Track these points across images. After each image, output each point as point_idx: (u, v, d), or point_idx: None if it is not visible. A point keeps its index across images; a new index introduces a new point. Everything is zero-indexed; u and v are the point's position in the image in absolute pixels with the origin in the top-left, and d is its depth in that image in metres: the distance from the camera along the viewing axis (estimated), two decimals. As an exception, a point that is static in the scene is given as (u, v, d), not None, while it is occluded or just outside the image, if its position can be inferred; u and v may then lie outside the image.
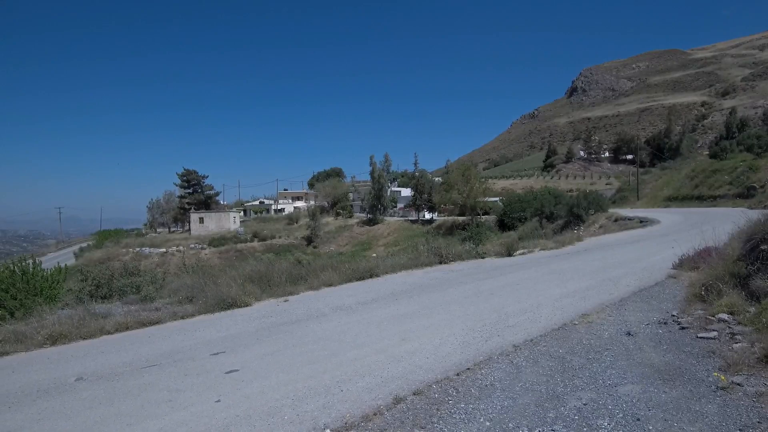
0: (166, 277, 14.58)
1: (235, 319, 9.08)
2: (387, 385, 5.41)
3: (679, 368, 5.32)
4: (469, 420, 4.46)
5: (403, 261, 14.45)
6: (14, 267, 13.63)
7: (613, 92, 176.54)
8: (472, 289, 10.76)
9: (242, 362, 6.46)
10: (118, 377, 6.18)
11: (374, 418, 4.61)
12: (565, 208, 38.80)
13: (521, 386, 5.15)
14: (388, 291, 11.04)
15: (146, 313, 9.34)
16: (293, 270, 12.68)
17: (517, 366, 5.78)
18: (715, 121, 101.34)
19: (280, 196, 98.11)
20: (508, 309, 8.57)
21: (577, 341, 6.57)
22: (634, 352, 5.99)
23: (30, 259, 14.45)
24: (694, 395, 4.62)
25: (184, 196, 73.05)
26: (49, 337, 7.94)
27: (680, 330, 6.75)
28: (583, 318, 7.71)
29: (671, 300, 8.56)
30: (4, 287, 12.90)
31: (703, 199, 43.39)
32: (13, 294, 12.49)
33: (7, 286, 12.96)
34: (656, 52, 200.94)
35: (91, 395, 5.60)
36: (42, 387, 6.00)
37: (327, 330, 7.93)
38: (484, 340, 6.85)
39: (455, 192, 51.78)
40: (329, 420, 4.61)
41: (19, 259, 14.28)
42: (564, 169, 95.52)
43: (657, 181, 58.13)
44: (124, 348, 7.57)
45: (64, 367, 6.77)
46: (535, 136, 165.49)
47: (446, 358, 6.18)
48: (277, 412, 4.83)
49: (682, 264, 11.29)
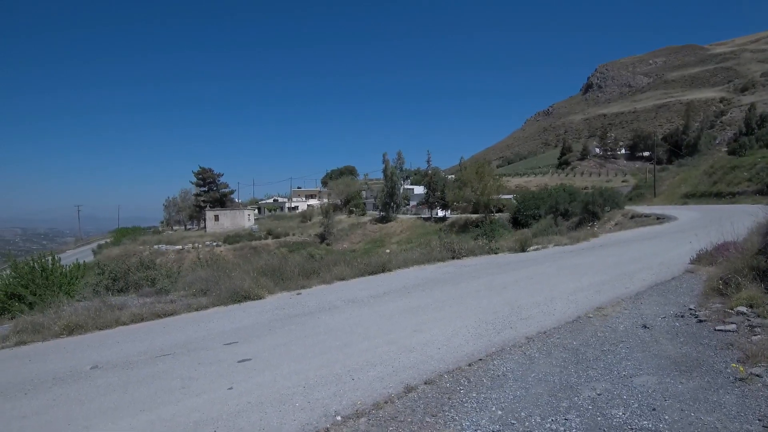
0: (180, 270, 14.75)
1: (248, 311, 9.14)
2: (398, 374, 5.39)
3: (696, 360, 5.22)
4: (481, 409, 4.42)
5: (416, 256, 14.41)
6: (34, 263, 13.90)
7: (630, 88, 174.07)
8: (485, 283, 10.69)
9: (255, 352, 6.50)
10: (133, 366, 6.26)
11: (385, 406, 4.60)
12: (580, 206, 38.34)
13: (534, 377, 5.10)
14: (400, 285, 11.02)
15: (161, 305, 9.45)
16: (306, 264, 12.73)
17: (529, 357, 5.72)
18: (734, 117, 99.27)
19: (294, 194, 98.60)
20: (521, 302, 8.49)
21: (591, 333, 6.48)
22: (650, 344, 5.89)
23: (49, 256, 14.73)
24: (712, 386, 4.53)
25: (200, 194, 73.75)
26: (65, 328, 8.07)
27: (698, 323, 6.62)
28: (598, 311, 7.61)
29: (688, 294, 8.40)
30: (24, 283, 13.18)
31: (721, 196, 42.54)
32: (32, 290, 12.74)
33: (26, 282, 13.23)
34: (674, 48, 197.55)
35: (106, 383, 5.68)
36: (58, 375, 6.10)
37: (339, 322, 7.94)
38: (497, 332, 6.80)
39: (469, 189, 51.50)
40: (340, 407, 4.61)
41: (39, 256, 14.56)
42: (579, 166, 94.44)
43: (674, 177, 57.18)
44: (139, 338, 7.66)
45: (80, 356, 6.87)
46: (549, 134, 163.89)
47: (458, 349, 6.15)
48: (289, 399, 4.85)
49: (699, 259, 11.09)
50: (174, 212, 79.55)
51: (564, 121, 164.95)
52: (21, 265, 14.13)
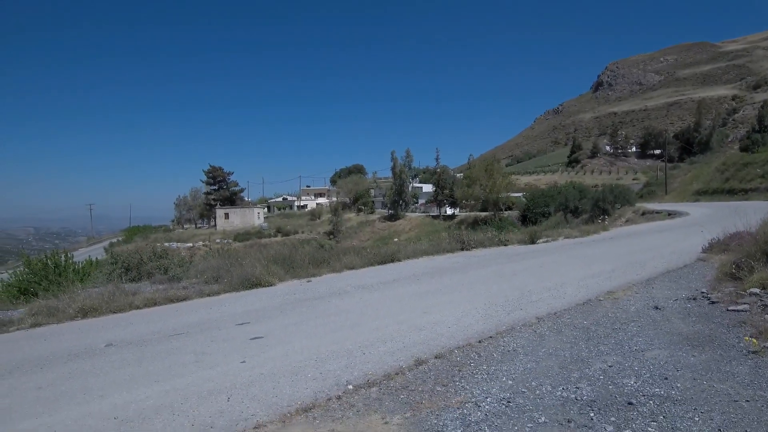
0: (192, 261, 14.91)
1: (259, 296, 9.23)
2: (408, 349, 5.43)
3: (709, 336, 5.20)
4: (491, 379, 4.44)
5: (425, 247, 14.43)
6: (47, 260, 14.11)
7: (641, 86, 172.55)
8: (495, 271, 10.70)
9: (266, 330, 6.57)
10: (147, 343, 6.35)
11: (396, 377, 4.63)
12: (590, 203, 38.14)
13: (544, 351, 5.11)
14: (409, 273, 11.05)
15: (174, 290, 9.56)
16: (316, 254, 12.81)
17: (540, 335, 5.73)
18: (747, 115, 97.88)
19: (303, 192, 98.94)
20: (530, 287, 8.49)
21: (602, 314, 6.48)
22: (661, 323, 5.87)
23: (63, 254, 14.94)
24: (725, 358, 4.52)
25: (210, 192, 74.26)
26: (79, 311, 8.20)
27: (710, 304, 6.58)
28: (609, 295, 7.59)
29: (700, 279, 8.35)
30: (38, 279, 13.38)
31: (734, 193, 42.10)
32: (45, 286, 12.91)
33: (40, 278, 13.43)
34: (685, 45, 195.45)
35: (121, 358, 5.77)
36: (73, 352, 6.20)
37: (349, 304, 7.99)
38: (506, 313, 6.81)
39: (478, 187, 51.36)
40: (352, 377, 4.66)
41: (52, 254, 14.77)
42: (589, 164, 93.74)
43: (686, 175, 56.68)
44: (152, 320, 7.77)
45: (95, 336, 6.98)
46: (559, 132, 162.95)
47: (468, 328, 6.17)
48: (301, 371, 4.90)
49: (711, 247, 11.01)
50: (185, 211, 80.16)
51: (574, 120, 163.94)
52: (34, 262, 14.35)
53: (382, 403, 4.10)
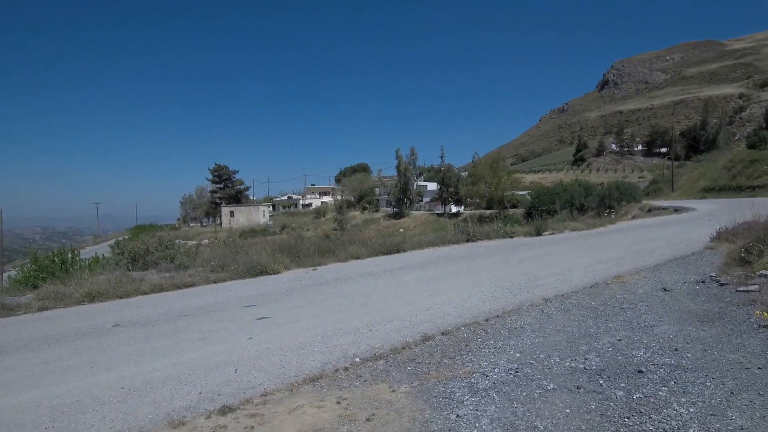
0: (198, 252, 14.92)
1: (265, 283, 9.24)
2: (415, 327, 5.41)
3: (719, 313, 5.14)
4: (499, 353, 4.41)
5: (430, 238, 14.40)
6: (54, 257, 14.16)
7: (647, 85, 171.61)
8: (501, 259, 10.65)
9: (273, 311, 6.57)
10: (154, 323, 6.36)
11: (403, 351, 4.61)
12: (596, 200, 37.84)
13: (552, 328, 5.08)
14: (415, 261, 11.03)
15: (180, 277, 9.58)
16: (321, 243, 12.80)
17: (547, 314, 5.69)
18: (754, 113, 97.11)
19: (308, 191, 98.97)
20: (537, 273, 8.44)
21: (609, 296, 6.42)
22: (670, 303, 5.82)
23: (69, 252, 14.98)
24: (735, 332, 4.46)
25: (216, 191, 74.43)
26: (87, 295, 8.23)
27: (719, 286, 6.51)
28: (616, 279, 7.54)
29: (709, 265, 8.26)
30: (44, 276, 13.42)
31: (741, 190, 41.74)
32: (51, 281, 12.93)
33: (46, 275, 13.47)
34: (691, 44, 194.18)
35: (128, 336, 5.78)
36: (80, 331, 6.21)
37: (355, 288, 7.98)
38: (513, 295, 6.78)
39: (482, 184, 51.17)
40: (358, 351, 4.64)
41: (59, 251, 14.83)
42: (595, 162, 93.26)
43: (692, 172, 56.25)
44: (159, 304, 7.79)
45: (102, 318, 7.00)
46: (564, 131, 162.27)
47: (474, 308, 6.14)
48: (308, 345, 4.89)
49: (720, 237, 10.91)
50: (190, 209, 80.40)
51: (579, 119, 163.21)
52: (41, 258, 14.40)
53: (389, 374, 4.08)
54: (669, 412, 3.00)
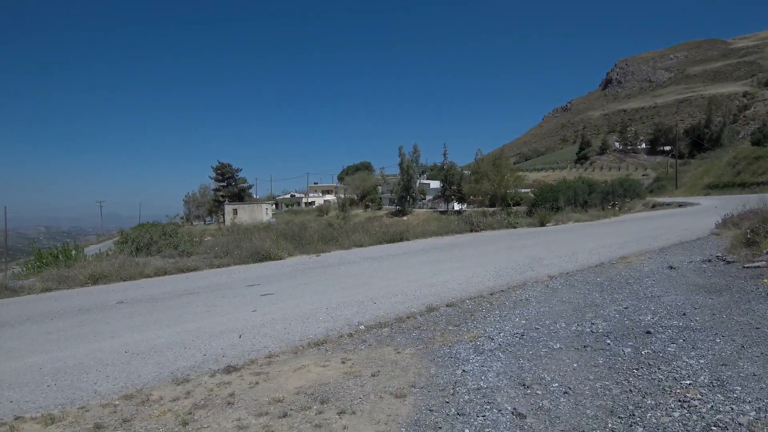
0: (202, 238, 14.95)
1: (269, 267, 9.22)
2: (419, 300, 5.39)
3: (726, 285, 5.10)
4: (504, 320, 4.38)
5: (434, 228, 14.38)
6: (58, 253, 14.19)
7: (650, 83, 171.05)
8: (505, 245, 10.61)
9: (277, 289, 6.55)
10: (158, 300, 6.35)
11: (407, 320, 4.59)
12: (600, 196, 37.72)
13: (558, 300, 5.04)
14: (418, 248, 11.01)
15: (184, 262, 9.57)
16: (325, 231, 12.78)
17: (552, 289, 5.66)
18: (758, 111, 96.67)
19: (311, 189, 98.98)
20: (541, 256, 8.40)
21: (615, 273, 6.38)
22: (676, 278, 5.77)
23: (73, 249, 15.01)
24: (743, 299, 4.42)
25: (219, 189, 74.42)
26: (90, 277, 8.23)
27: (726, 264, 6.46)
28: (622, 259, 7.50)
29: (714, 248, 8.21)
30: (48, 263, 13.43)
31: (745, 186, 41.49)
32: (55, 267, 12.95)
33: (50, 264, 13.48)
34: (695, 42, 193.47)
35: (132, 310, 5.77)
36: (84, 308, 6.20)
37: (358, 270, 7.96)
38: (518, 274, 6.75)
39: (486, 182, 51.05)
40: (363, 320, 4.62)
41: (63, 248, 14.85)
42: (598, 161, 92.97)
43: (696, 169, 56.03)
44: (163, 285, 7.77)
45: (105, 296, 6.99)
46: (567, 130, 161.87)
47: (478, 284, 6.11)
48: (312, 316, 4.87)
49: (725, 223, 10.86)
50: (193, 207, 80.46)
51: (582, 117, 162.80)
52: (45, 254, 14.43)
53: (394, 339, 4.06)
54: (679, 363, 2.97)
